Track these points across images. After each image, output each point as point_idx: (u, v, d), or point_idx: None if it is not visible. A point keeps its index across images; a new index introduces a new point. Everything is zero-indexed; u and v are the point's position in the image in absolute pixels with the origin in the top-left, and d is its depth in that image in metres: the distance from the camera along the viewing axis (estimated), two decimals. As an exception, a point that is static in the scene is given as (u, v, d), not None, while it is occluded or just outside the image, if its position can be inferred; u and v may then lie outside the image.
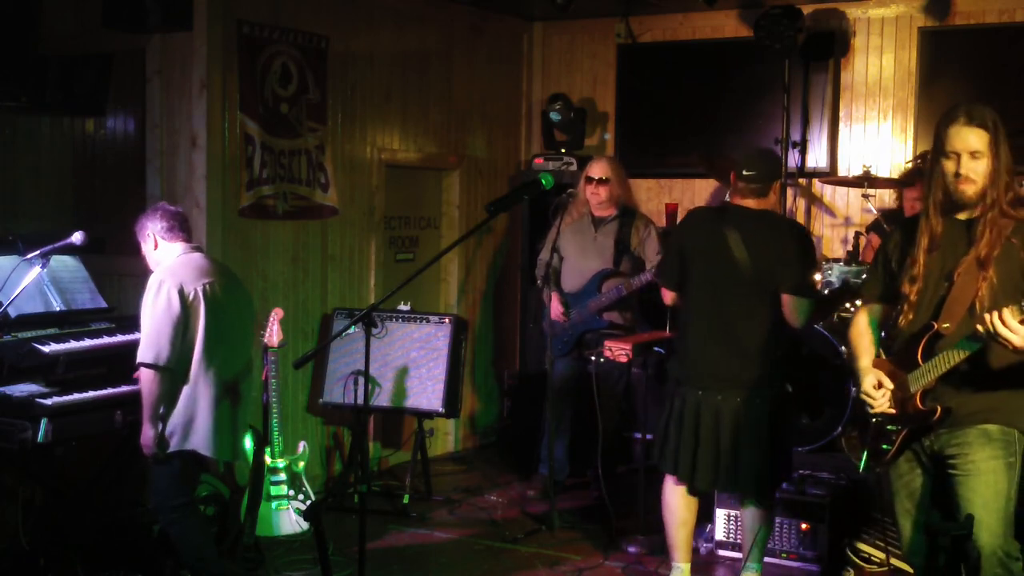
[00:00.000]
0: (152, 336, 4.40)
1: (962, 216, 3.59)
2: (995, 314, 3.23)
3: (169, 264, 4.56)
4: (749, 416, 4.62)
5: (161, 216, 4.64)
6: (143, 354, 4.41)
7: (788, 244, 4.67)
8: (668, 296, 4.95)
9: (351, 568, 5.02)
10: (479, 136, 7.90)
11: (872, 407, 3.68)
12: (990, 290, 3.47)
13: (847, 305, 6.19)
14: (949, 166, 3.55)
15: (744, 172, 4.69)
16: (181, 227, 4.67)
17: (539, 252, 6.58)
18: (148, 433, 4.45)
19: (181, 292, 4.43)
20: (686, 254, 4.79)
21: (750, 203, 4.72)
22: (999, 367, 3.48)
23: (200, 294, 4.49)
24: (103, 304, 5.27)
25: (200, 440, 4.52)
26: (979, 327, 3.28)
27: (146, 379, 4.42)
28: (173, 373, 4.44)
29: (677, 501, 4.85)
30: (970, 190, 3.53)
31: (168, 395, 4.46)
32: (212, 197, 5.87)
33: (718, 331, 4.67)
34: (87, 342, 4.89)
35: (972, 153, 3.52)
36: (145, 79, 5.99)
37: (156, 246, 4.64)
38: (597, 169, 6.30)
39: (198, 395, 4.51)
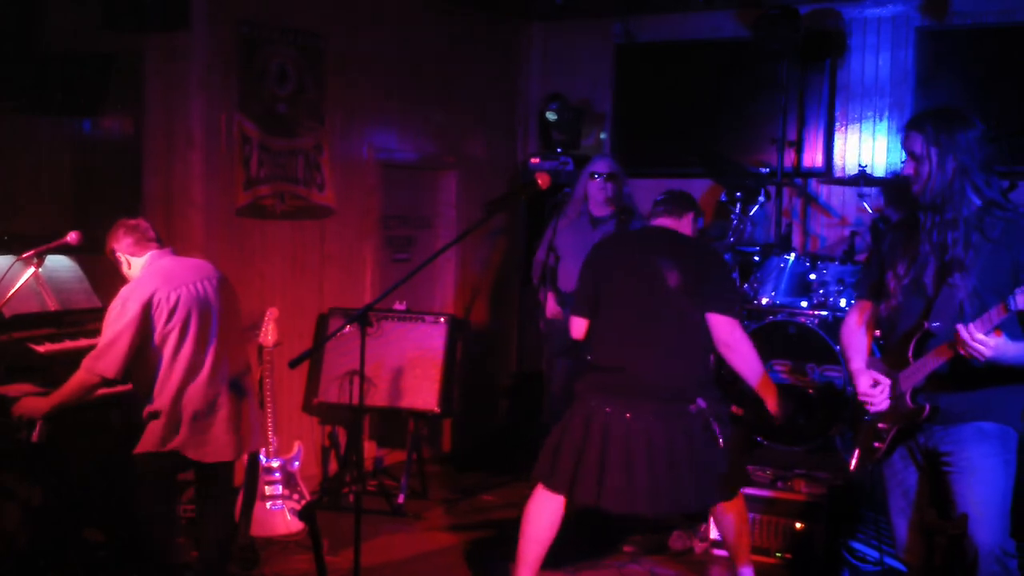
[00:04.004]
0: (105, 347, 4.36)
1: (949, 216, 3.60)
2: (962, 328, 3.29)
3: (140, 276, 4.50)
4: (669, 434, 4.51)
5: (124, 234, 4.57)
6: (92, 360, 4.37)
7: (711, 263, 4.74)
8: (580, 328, 4.78)
9: (346, 568, 5.02)
10: (476, 136, 7.90)
11: (871, 406, 3.69)
12: (974, 291, 3.49)
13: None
14: (906, 167, 3.67)
15: (661, 198, 4.86)
16: (147, 237, 4.59)
17: (536, 252, 6.58)
18: (41, 406, 4.43)
19: (149, 304, 4.38)
20: (603, 279, 4.72)
21: (668, 222, 4.78)
22: (991, 365, 3.50)
23: (180, 297, 4.45)
24: (98, 304, 5.26)
25: (183, 441, 4.50)
26: (958, 329, 3.31)
27: (82, 380, 4.39)
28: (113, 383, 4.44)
29: (546, 516, 4.68)
30: (918, 189, 3.61)
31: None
32: (209, 197, 5.87)
33: (638, 346, 4.59)
34: (82, 342, 4.88)
35: (911, 155, 3.62)
36: (143, 79, 5.99)
37: (129, 265, 4.58)
38: (604, 165, 6.31)
39: (191, 395, 4.49)
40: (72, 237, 4.74)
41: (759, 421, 5.43)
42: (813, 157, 7.47)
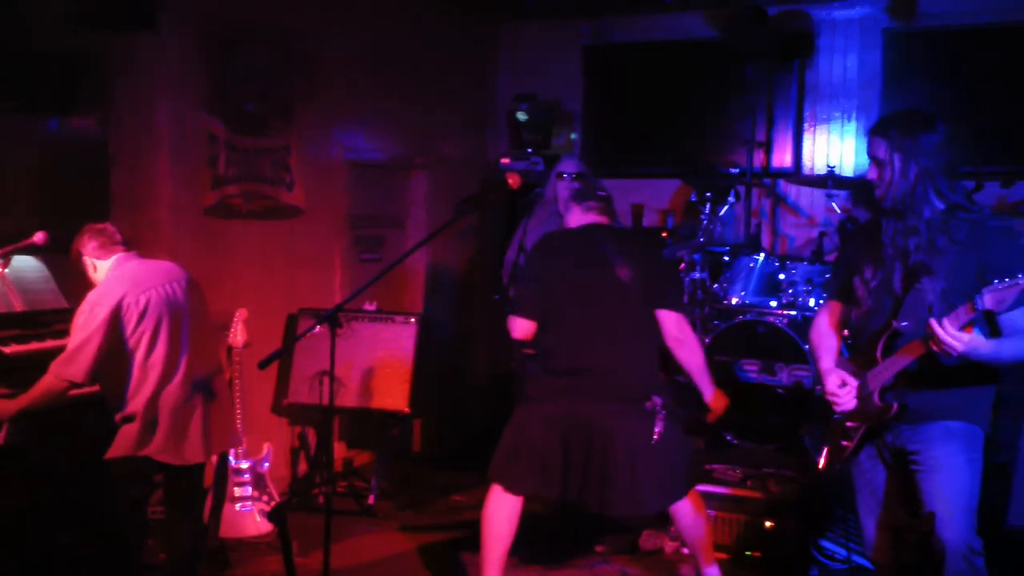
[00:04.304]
0: (73, 352, 4.33)
1: (911, 222, 3.62)
2: (935, 323, 3.30)
3: (107, 280, 4.47)
4: (626, 431, 4.50)
5: (89, 237, 4.54)
6: (60, 365, 4.33)
7: (656, 259, 4.77)
8: (523, 328, 4.66)
9: (316, 569, 5.00)
10: (446, 136, 7.89)
11: (838, 405, 3.72)
12: (942, 292, 3.51)
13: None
14: (871, 171, 3.70)
15: (598, 193, 4.83)
16: (113, 240, 4.56)
17: (507, 252, 6.58)
18: (7, 408, 4.39)
19: (118, 308, 4.35)
20: (551, 279, 4.66)
21: (606, 220, 4.77)
22: (956, 365, 3.53)
23: (149, 300, 4.42)
24: (66, 305, 5.20)
25: (158, 446, 4.47)
26: (931, 323, 3.33)
27: (49, 385, 4.35)
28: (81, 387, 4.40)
29: (505, 514, 4.67)
30: (881, 194, 3.64)
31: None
32: (177, 196, 5.83)
33: (593, 346, 4.56)
34: (49, 343, 4.83)
35: (874, 159, 3.65)
36: (111, 78, 5.93)
37: (95, 268, 4.55)
38: (571, 165, 6.32)
39: (166, 398, 4.47)
40: (39, 237, 4.70)
41: (697, 419, 5.47)
42: (782, 157, 7.52)
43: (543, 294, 4.65)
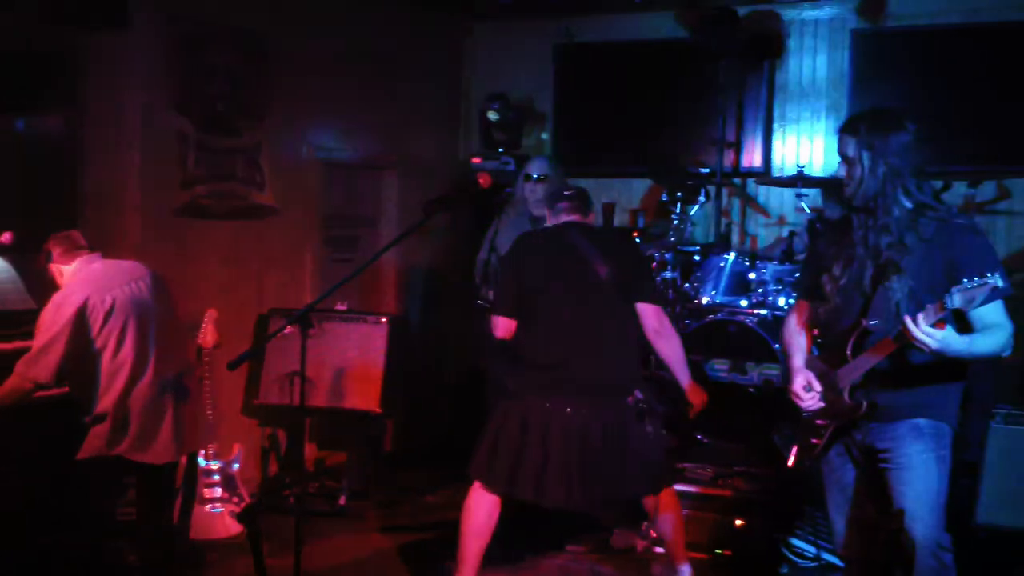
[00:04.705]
0: (39, 352, 4.31)
1: (881, 220, 3.64)
2: (909, 319, 3.32)
3: (72, 282, 4.47)
4: (605, 426, 4.54)
5: (54, 244, 4.55)
6: (25, 365, 4.32)
7: (633, 253, 4.85)
8: (505, 326, 4.72)
9: (287, 570, 4.98)
10: (418, 135, 7.88)
11: (801, 406, 3.74)
12: (910, 291, 3.54)
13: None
14: (840, 170, 3.72)
15: (565, 193, 4.92)
16: (75, 244, 4.56)
17: (478, 251, 6.57)
18: None
19: (83, 309, 4.33)
20: (529, 277, 4.71)
21: (578, 218, 4.83)
22: (925, 363, 3.56)
23: (115, 299, 4.41)
24: (33, 305, 5.16)
25: (129, 445, 4.44)
26: (904, 321, 3.35)
27: (14, 386, 4.33)
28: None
29: (484, 512, 4.68)
30: (851, 192, 3.66)
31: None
32: (147, 197, 5.80)
33: (575, 342, 4.59)
34: (16, 344, 4.79)
35: (844, 158, 3.67)
36: (80, 77, 5.90)
37: (62, 274, 4.55)
38: (536, 167, 6.32)
39: (136, 397, 4.44)
40: (5, 238, 4.68)
41: (677, 415, 5.49)
42: (752, 157, 7.54)
43: (521, 292, 4.70)
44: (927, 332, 3.30)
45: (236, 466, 5.68)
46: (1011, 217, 6.94)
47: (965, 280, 3.24)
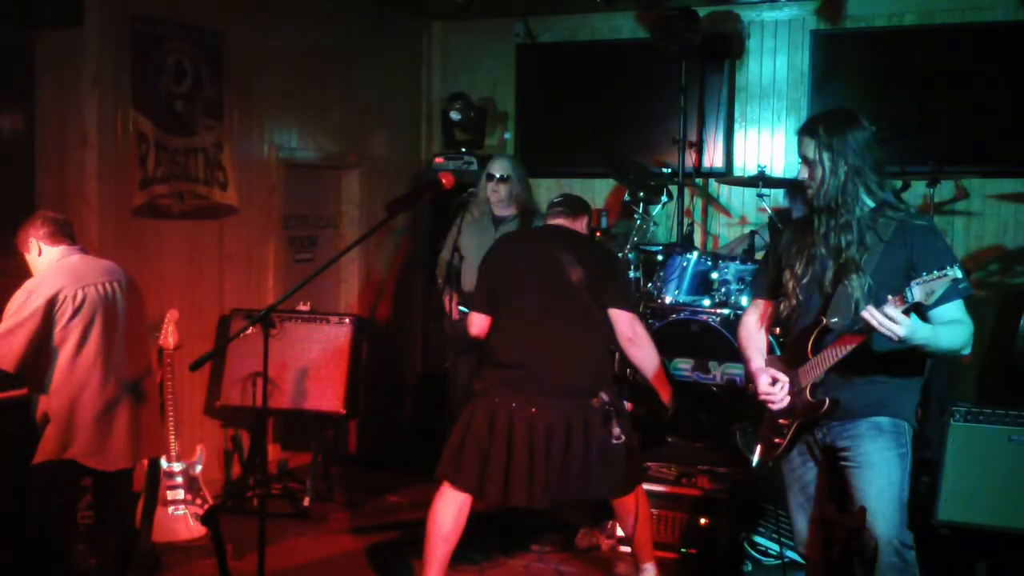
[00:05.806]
0: (3, 336, 4.29)
1: (843, 219, 3.66)
2: (873, 308, 3.33)
3: (48, 271, 4.46)
4: (569, 428, 4.56)
5: (42, 223, 4.55)
6: None
7: (610, 261, 4.89)
8: (479, 324, 4.79)
9: (251, 572, 4.95)
10: (379, 135, 7.86)
11: (773, 404, 3.75)
12: (869, 290, 3.56)
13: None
14: (801, 172, 3.74)
15: (555, 199, 5.02)
16: (64, 232, 4.57)
17: (440, 251, 6.57)
18: None
19: (54, 299, 4.32)
20: (503, 276, 4.77)
21: (564, 222, 4.89)
22: (885, 360, 3.58)
23: (87, 296, 4.39)
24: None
25: (82, 449, 4.40)
26: (864, 317, 3.37)
27: None
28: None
29: (452, 514, 4.67)
30: (813, 193, 3.68)
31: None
32: (104, 196, 5.73)
33: (537, 343, 4.62)
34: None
35: (804, 159, 3.69)
36: (35, 75, 5.82)
37: (40, 252, 4.54)
38: (498, 167, 6.32)
39: (88, 398, 4.40)
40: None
41: (651, 417, 5.51)
42: (713, 157, 7.58)
43: (493, 290, 4.75)
44: (893, 316, 3.30)
45: (199, 468, 5.64)
46: (969, 217, 7.02)
47: (924, 272, 3.27)
